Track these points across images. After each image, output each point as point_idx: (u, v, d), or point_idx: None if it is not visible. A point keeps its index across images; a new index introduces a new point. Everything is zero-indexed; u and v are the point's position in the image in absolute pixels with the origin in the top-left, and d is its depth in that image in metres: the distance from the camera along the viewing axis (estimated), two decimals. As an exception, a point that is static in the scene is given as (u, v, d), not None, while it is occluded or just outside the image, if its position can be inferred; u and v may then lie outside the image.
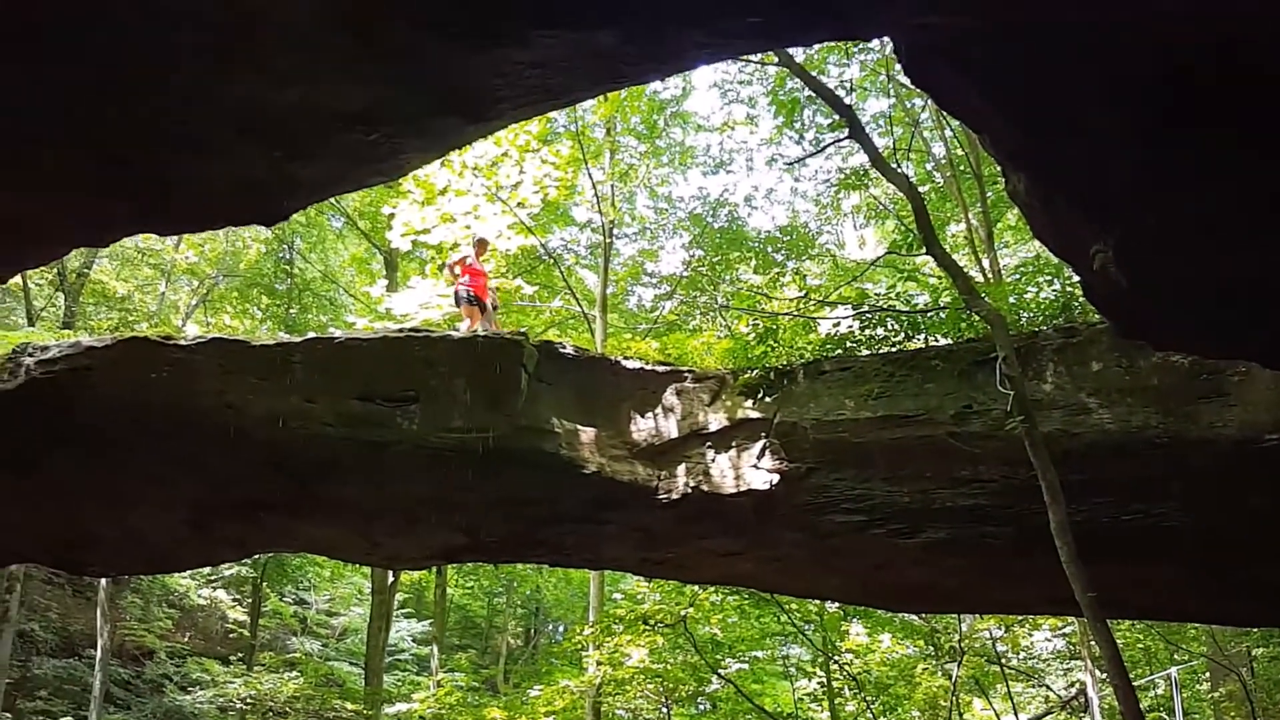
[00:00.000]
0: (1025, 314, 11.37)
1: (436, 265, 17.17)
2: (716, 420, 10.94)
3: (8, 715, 20.24)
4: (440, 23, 5.30)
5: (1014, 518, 9.93)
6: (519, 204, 16.62)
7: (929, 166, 20.58)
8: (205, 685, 24.10)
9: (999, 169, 18.70)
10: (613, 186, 21.01)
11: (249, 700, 21.84)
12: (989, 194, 18.22)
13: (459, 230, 16.13)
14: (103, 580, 22.61)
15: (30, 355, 10.98)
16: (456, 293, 13.14)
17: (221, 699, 23.17)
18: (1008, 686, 19.51)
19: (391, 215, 17.22)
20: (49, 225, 7.37)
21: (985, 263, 17.48)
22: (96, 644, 22.21)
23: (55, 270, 23.49)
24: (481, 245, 14.07)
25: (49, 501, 11.81)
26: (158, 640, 25.85)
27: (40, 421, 10.92)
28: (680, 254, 24.18)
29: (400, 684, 27.33)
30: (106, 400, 10.77)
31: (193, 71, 5.55)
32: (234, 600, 27.32)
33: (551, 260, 20.86)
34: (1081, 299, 10.36)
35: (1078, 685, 19.88)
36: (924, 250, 10.60)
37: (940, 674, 17.49)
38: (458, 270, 13.33)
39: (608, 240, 19.95)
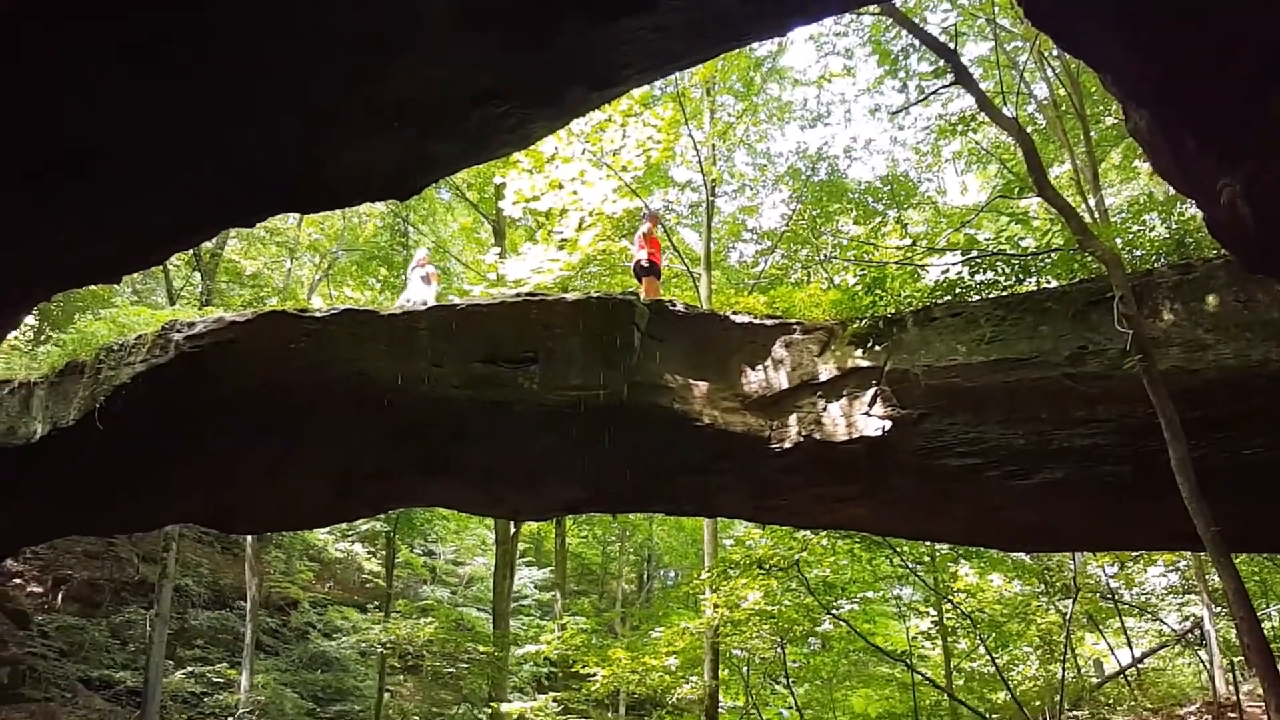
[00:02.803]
0: (1136, 252, 10.94)
1: (546, 231, 17.32)
2: (827, 370, 10.84)
3: (170, 663, 21.30)
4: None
5: (1132, 456, 9.66)
6: (623, 168, 16.59)
7: (1029, 109, 19.84)
8: (346, 632, 25.02)
9: (1102, 108, 18.06)
10: (713, 145, 20.78)
11: (388, 645, 22.61)
12: (1093, 134, 17.52)
13: (566, 196, 16.23)
14: (249, 538, 23.67)
15: (179, 331, 11.35)
16: (638, 264, 13.56)
17: (363, 644, 24.05)
18: (1121, 621, 19.08)
19: (502, 185, 17.37)
20: (204, 212, 7.63)
21: (1091, 202, 16.84)
22: (246, 596, 23.28)
23: (192, 251, 24.35)
24: (654, 219, 14.51)
25: (208, 468, 12.35)
26: (300, 591, 26.93)
27: (193, 393, 11.37)
28: (780, 209, 23.89)
29: (525, 628, 27.98)
30: (251, 371, 11.14)
31: (348, 64, 5.66)
32: (368, 553, 28.27)
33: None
34: (1196, 235, 9.98)
35: (1192, 619, 19.33)
36: (1034, 193, 10.27)
37: (1053, 611, 17.16)
38: (639, 243, 13.81)
39: (710, 198, 19.76)
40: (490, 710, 23.84)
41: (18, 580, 23.91)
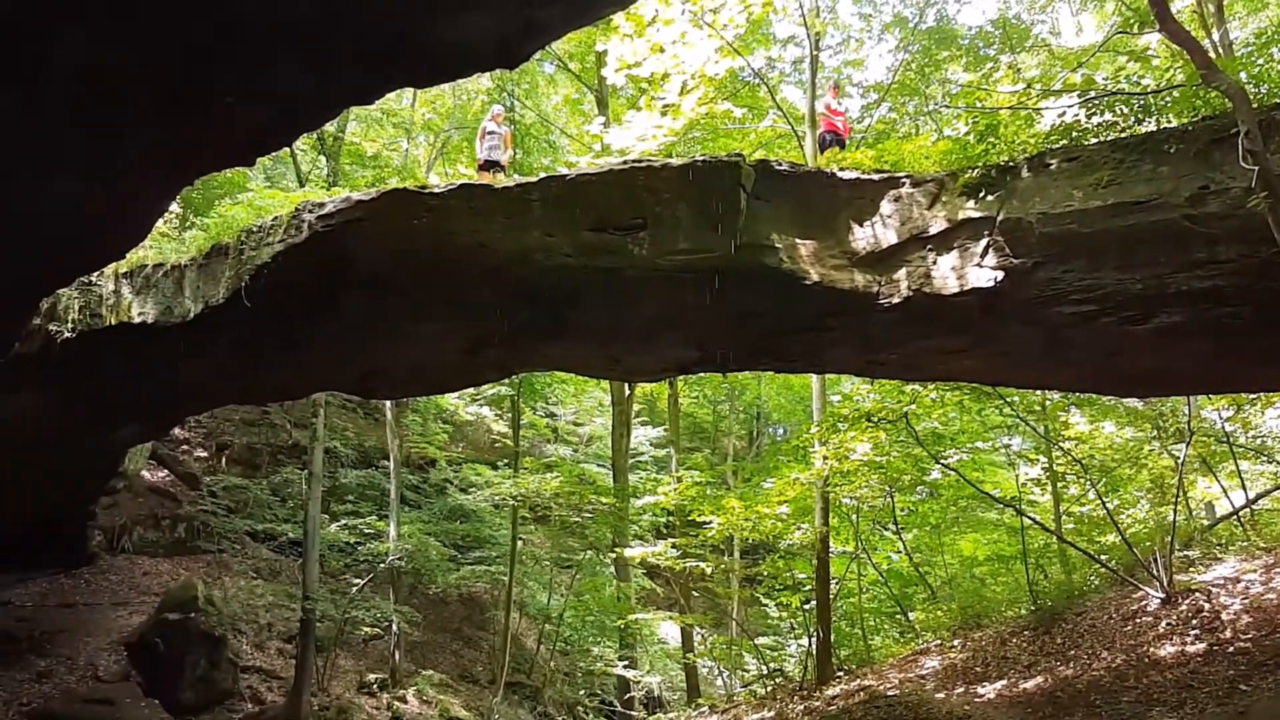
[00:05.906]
0: (1263, 86, 10.06)
1: (649, 99, 16.89)
2: (937, 223, 10.48)
3: (325, 516, 22.70)
4: None
5: (1254, 296, 9.16)
6: (724, 26, 15.92)
7: (1150, -62, 18.17)
8: (480, 486, 26.17)
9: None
10: (816, -4, 19.77)
11: (518, 497, 23.60)
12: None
13: (668, 60, 15.74)
14: (388, 404, 24.76)
15: (311, 212, 11.80)
16: (821, 136, 13.36)
17: (496, 497, 25.19)
18: (1236, 465, 18.43)
19: (603, 53, 16.92)
20: (324, 95, 7.71)
21: (1215, 36, 15.52)
22: (389, 456, 24.49)
23: (316, 135, 24.68)
24: (836, 89, 14.16)
25: (347, 339, 12.87)
26: (437, 451, 28.19)
27: (328, 270, 11.80)
28: (886, 60, 22.79)
29: (643, 481, 28.75)
30: (379, 247, 11.48)
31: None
32: (495, 415, 29.28)
33: (758, 80, 20.05)
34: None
35: (1312, 461, 18.60)
36: (1153, 28, 9.50)
37: (1166, 456, 16.70)
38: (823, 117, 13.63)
39: (814, 53, 18.82)
40: (614, 555, 24.92)
41: (185, 446, 25.75)
